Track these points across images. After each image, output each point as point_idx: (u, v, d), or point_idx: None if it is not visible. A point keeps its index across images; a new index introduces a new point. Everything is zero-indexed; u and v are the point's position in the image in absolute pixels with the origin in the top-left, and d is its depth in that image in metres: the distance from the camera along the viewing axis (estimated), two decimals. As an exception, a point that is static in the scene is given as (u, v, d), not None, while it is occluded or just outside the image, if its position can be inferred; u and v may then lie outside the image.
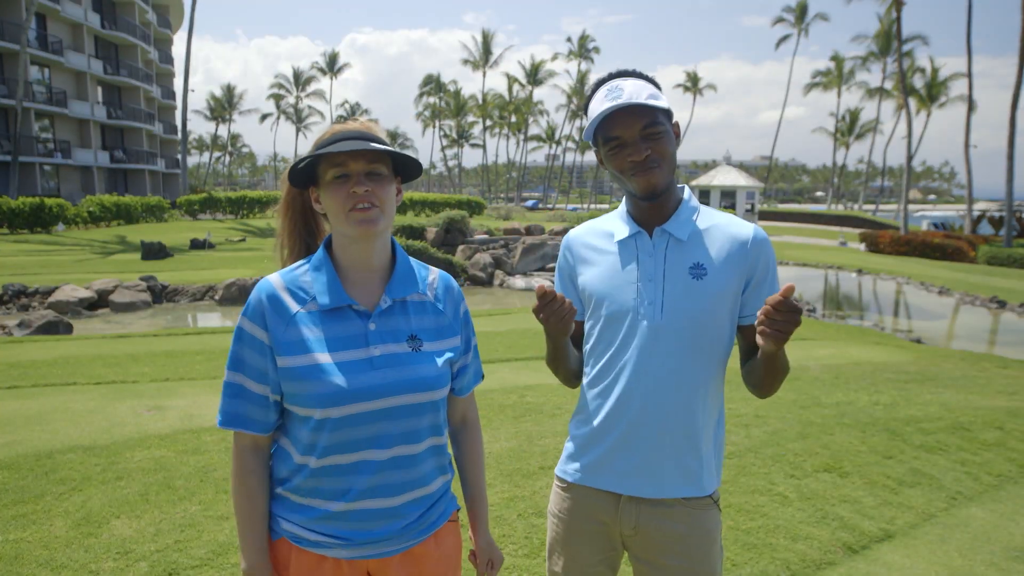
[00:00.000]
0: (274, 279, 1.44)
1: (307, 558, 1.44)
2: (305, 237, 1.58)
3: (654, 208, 1.60)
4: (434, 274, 1.57)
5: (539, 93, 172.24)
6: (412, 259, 1.54)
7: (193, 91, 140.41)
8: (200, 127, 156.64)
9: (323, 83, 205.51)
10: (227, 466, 4.09)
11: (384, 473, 1.41)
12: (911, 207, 63.44)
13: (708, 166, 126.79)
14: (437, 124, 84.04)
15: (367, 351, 1.40)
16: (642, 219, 1.62)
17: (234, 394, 1.42)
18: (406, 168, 1.48)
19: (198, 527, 3.30)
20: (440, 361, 1.46)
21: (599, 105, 1.52)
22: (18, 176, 30.46)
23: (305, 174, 1.45)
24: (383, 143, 1.43)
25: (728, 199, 38.36)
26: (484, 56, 76.31)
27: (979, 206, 42.33)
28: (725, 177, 39.10)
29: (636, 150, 1.51)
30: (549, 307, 1.49)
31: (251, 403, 1.42)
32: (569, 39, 77.68)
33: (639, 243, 1.61)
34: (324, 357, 1.37)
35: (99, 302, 13.76)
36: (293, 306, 1.40)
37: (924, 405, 5.72)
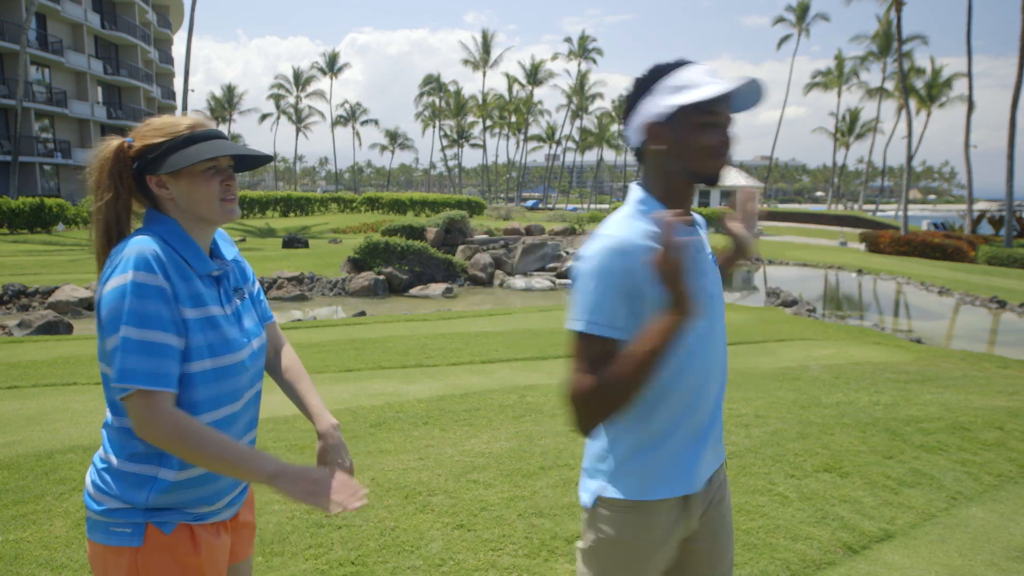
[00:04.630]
0: (151, 239, 1.42)
1: (207, 531, 1.49)
2: (123, 218, 1.53)
3: (691, 198, 1.59)
4: (227, 238, 1.71)
5: (539, 93, 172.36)
6: None
7: (193, 91, 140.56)
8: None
9: (323, 83, 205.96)
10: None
11: (244, 416, 1.56)
12: (911, 207, 63.42)
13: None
14: (437, 124, 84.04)
15: (224, 309, 1.53)
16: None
17: (151, 352, 1.34)
18: (243, 163, 1.61)
19: (198, 527, 3.30)
20: (255, 308, 1.67)
21: (706, 78, 1.46)
22: (18, 176, 30.46)
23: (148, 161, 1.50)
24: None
25: (728, 199, 38.41)
26: (484, 56, 76.31)
27: (979, 206, 42.35)
28: (725, 177, 39.18)
29: (726, 134, 1.49)
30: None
31: (171, 359, 1.37)
32: (569, 39, 77.65)
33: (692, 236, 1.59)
34: (215, 310, 1.48)
35: (99, 302, 13.74)
36: (184, 263, 1.46)
37: (924, 405, 5.72)
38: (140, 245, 1.39)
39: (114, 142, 1.52)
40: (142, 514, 1.43)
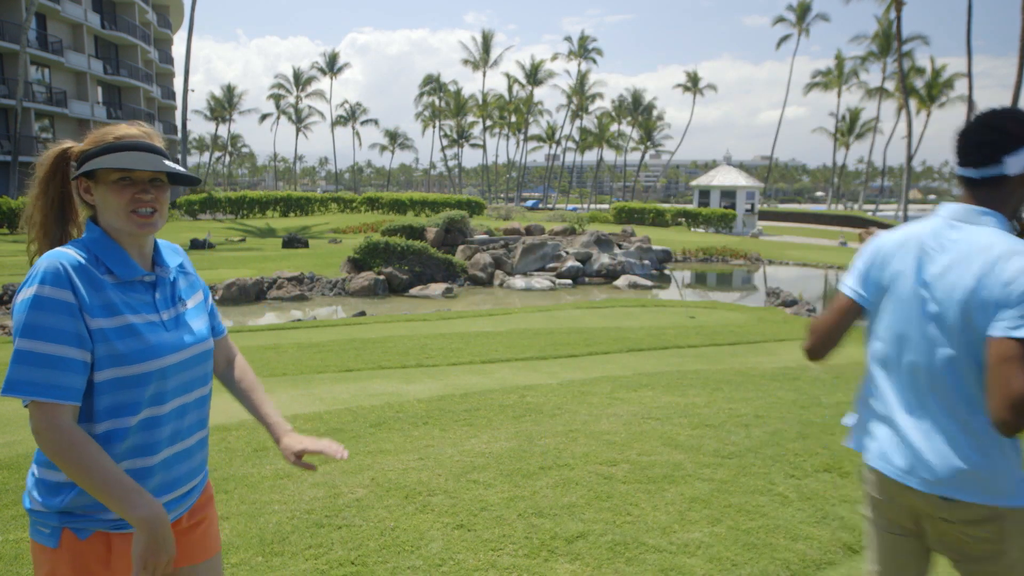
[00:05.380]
0: (68, 251, 1.45)
1: (124, 540, 1.48)
2: (61, 224, 1.60)
3: None
4: (172, 247, 1.73)
5: (539, 93, 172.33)
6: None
7: (193, 91, 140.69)
8: (200, 127, 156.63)
9: (323, 83, 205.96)
10: (227, 466, 4.09)
11: (177, 421, 1.56)
12: (911, 207, 63.39)
13: (708, 166, 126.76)
14: (437, 124, 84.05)
15: (159, 315, 1.54)
16: None
17: (43, 363, 1.36)
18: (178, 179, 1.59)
19: (198, 527, 3.30)
20: (204, 317, 1.68)
21: None
22: (18, 176, 30.48)
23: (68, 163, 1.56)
24: (165, 155, 1.57)
25: (728, 199, 38.37)
26: (484, 56, 76.33)
27: (979, 206, 42.25)
28: (725, 177, 39.10)
29: None
30: None
31: (65, 371, 1.37)
32: (569, 39, 77.69)
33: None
34: (134, 318, 1.48)
35: (99, 302, 13.75)
36: (96, 274, 1.46)
37: (924, 405, 5.71)
38: (52, 258, 1.42)
39: (60, 146, 1.58)
40: (58, 517, 1.46)
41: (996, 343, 1.52)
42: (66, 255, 1.44)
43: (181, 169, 1.55)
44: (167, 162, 1.54)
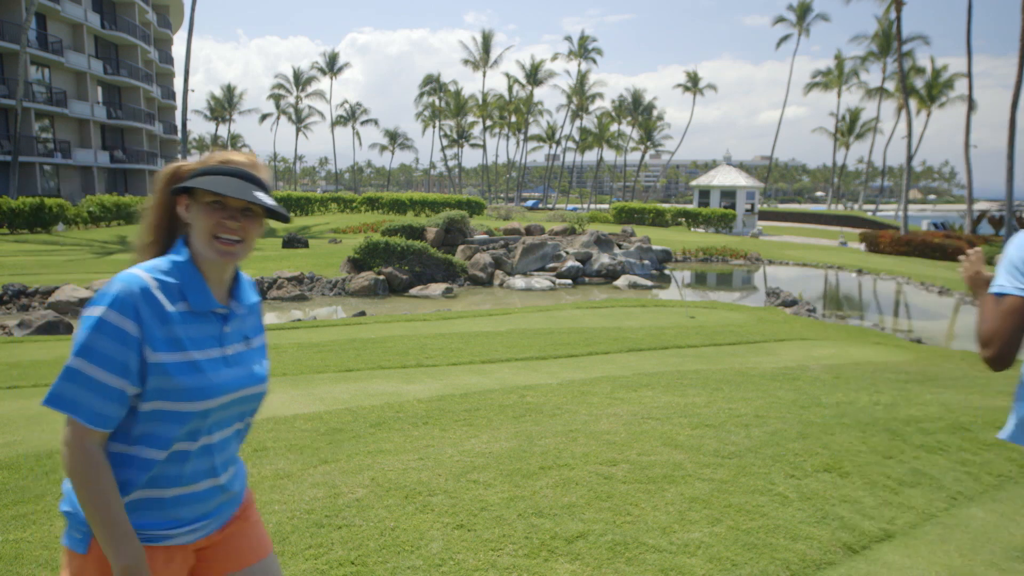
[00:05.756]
0: (144, 275, 1.47)
1: (154, 554, 1.50)
2: (167, 236, 1.63)
3: None
4: (252, 283, 1.73)
5: (539, 93, 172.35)
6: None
7: (193, 91, 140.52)
8: (200, 127, 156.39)
9: (323, 83, 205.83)
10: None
11: (195, 460, 1.54)
12: (911, 207, 63.39)
13: (708, 166, 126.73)
14: (437, 124, 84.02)
15: (222, 350, 1.54)
16: None
17: (77, 381, 1.39)
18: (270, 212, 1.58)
19: (198, 527, 3.30)
20: (265, 360, 1.68)
21: None
22: (18, 176, 30.46)
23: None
24: (266, 186, 1.56)
25: (728, 199, 38.37)
26: (484, 56, 76.28)
27: (979, 206, 42.34)
28: (725, 177, 39.09)
29: None
30: None
31: (102, 396, 1.40)
32: (569, 38, 77.67)
33: None
34: (197, 355, 1.49)
35: (99, 302, 13.74)
36: (167, 304, 1.47)
37: (924, 405, 5.72)
38: (126, 282, 1.44)
39: (176, 163, 1.63)
40: (86, 524, 1.47)
41: None
42: (141, 280, 1.45)
43: (271, 202, 1.53)
44: (258, 193, 1.51)
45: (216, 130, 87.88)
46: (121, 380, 1.41)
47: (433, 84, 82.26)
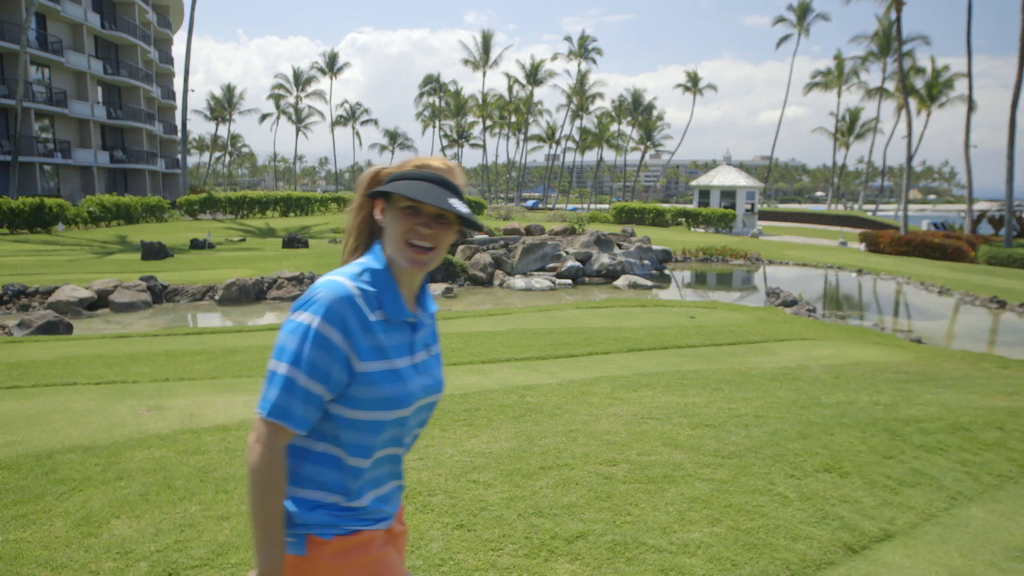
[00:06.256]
0: (347, 283, 1.47)
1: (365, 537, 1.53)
2: (368, 240, 1.64)
3: None
4: (430, 294, 1.73)
5: (539, 93, 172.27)
6: None
7: (193, 91, 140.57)
8: (200, 127, 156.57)
9: (323, 83, 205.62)
10: (227, 466, 4.09)
11: (380, 467, 1.57)
12: (911, 207, 63.39)
13: (708, 166, 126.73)
14: (437, 124, 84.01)
15: (412, 359, 1.56)
16: None
17: (291, 390, 1.42)
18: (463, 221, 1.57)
19: (198, 527, 3.30)
20: (441, 365, 1.69)
21: None
22: (18, 176, 30.47)
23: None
24: (461, 193, 1.54)
25: (728, 199, 38.36)
26: (484, 56, 76.27)
27: (979, 206, 42.31)
28: (725, 177, 39.09)
29: None
30: None
31: (307, 403, 1.44)
32: (569, 38, 77.65)
33: None
34: (399, 362, 1.51)
35: (99, 302, 13.75)
36: (369, 314, 1.48)
37: (924, 405, 5.72)
38: (332, 290, 1.45)
39: (377, 166, 1.64)
40: (304, 527, 1.49)
41: None
42: (345, 289, 1.46)
43: (466, 211, 1.50)
44: (453, 200, 1.49)
45: (216, 130, 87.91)
46: (323, 388, 1.43)
47: (433, 84, 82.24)
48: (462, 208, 1.48)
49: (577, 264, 19.53)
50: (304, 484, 1.50)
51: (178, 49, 74.18)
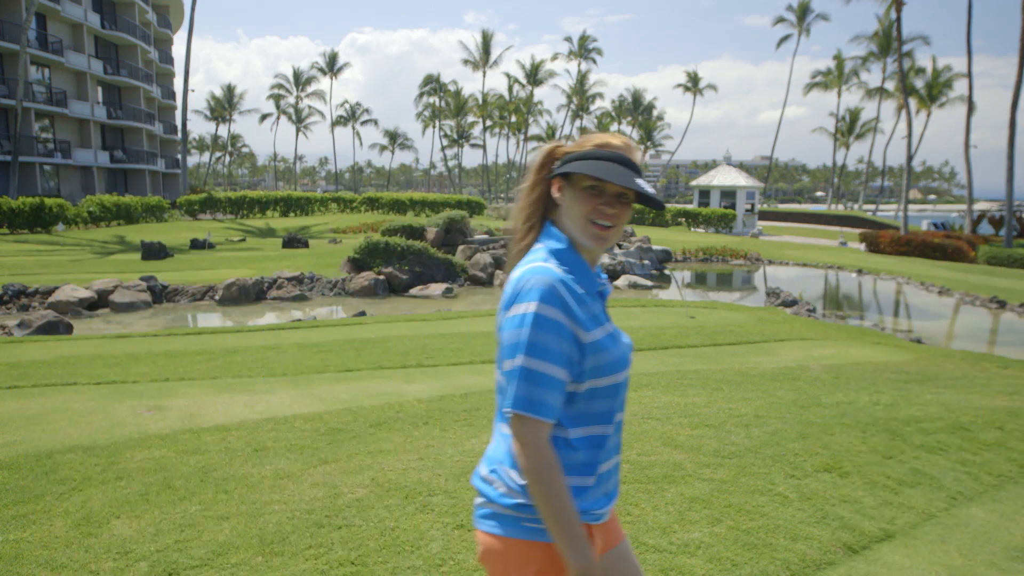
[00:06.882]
0: (552, 266, 1.50)
1: (596, 533, 1.56)
2: (541, 220, 1.64)
3: None
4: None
5: (539, 93, 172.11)
6: None
7: (193, 91, 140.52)
8: (200, 127, 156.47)
9: (323, 83, 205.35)
10: (227, 466, 4.09)
11: (617, 434, 1.61)
12: (911, 207, 63.43)
13: (708, 166, 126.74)
14: (437, 124, 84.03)
15: (605, 328, 1.57)
16: None
17: (532, 379, 1.43)
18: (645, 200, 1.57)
19: (198, 527, 3.30)
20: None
21: None
22: (18, 176, 30.47)
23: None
24: (639, 171, 1.55)
25: (728, 199, 38.36)
26: (484, 56, 76.30)
27: (979, 206, 42.29)
28: (725, 177, 39.09)
29: None
30: None
31: (555, 390, 1.44)
32: (569, 39, 77.70)
33: None
34: (609, 327, 1.57)
35: (99, 302, 13.76)
36: (577, 287, 1.51)
37: (924, 405, 5.72)
38: (543, 275, 1.46)
39: (551, 144, 1.63)
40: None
41: None
42: (552, 272, 1.47)
43: (651, 190, 1.52)
44: (638, 180, 1.51)
45: (216, 130, 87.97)
46: (564, 371, 1.45)
47: (433, 84, 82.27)
48: (647, 188, 1.51)
49: (577, 264, 19.53)
50: (568, 472, 1.50)
51: (178, 49, 74.20)
